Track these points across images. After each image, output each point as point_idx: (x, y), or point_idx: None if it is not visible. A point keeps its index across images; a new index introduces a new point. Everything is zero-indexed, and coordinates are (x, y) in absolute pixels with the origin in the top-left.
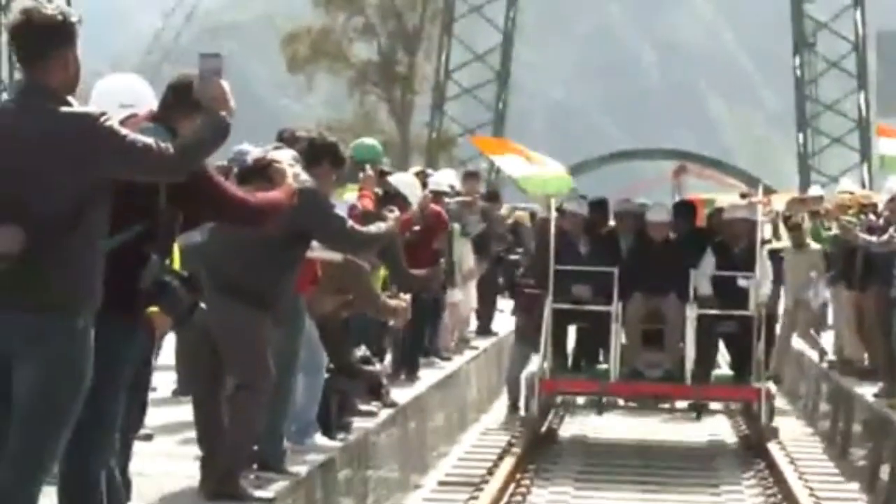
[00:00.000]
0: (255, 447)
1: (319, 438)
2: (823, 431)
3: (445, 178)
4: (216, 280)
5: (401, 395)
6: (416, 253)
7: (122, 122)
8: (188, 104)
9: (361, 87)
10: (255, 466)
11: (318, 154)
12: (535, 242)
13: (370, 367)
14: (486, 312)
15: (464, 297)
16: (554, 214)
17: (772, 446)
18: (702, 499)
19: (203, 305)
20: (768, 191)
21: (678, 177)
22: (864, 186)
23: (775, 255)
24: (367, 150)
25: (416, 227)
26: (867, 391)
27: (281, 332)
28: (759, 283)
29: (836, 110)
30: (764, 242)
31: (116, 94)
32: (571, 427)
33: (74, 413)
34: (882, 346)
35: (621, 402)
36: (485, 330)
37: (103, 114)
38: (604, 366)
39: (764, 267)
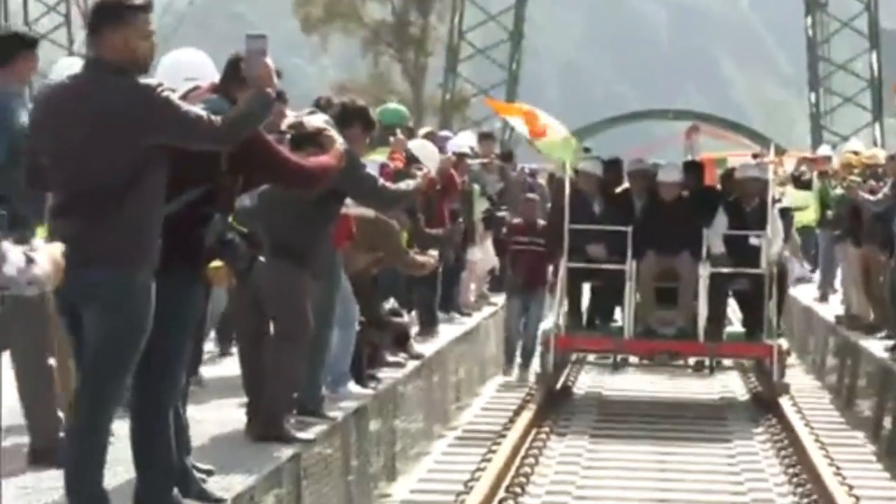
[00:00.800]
0: (296, 394)
1: (353, 387)
2: (830, 384)
3: (466, 140)
4: (263, 239)
5: (424, 348)
6: (432, 213)
7: (186, 94)
8: (238, 79)
9: (375, 48)
10: (295, 412)
11: (350, 118)
12: (550, 203)
13: (399, 319)
14: (502, 269)
15: (483, 254)
16: (569, 174)
17: (782, 398)
18: (714, 449)
19: (262, 259)
20: (780, 151)
21: (690, 137)
22: (875, 145)
23: (786, 214)
24: (393, 114)
25: (438, 187)
26: (872, 345)
27: (319, 287)
28: (770, 241)
29: (849, 70)
30: (775, 202)
31: (181, 68)
32: (585, 384)
33: (134, 361)
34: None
35: (634, 359)
36: (500, 286)
37: (159, 85)
38: (618, 324)
39: (775, 225)
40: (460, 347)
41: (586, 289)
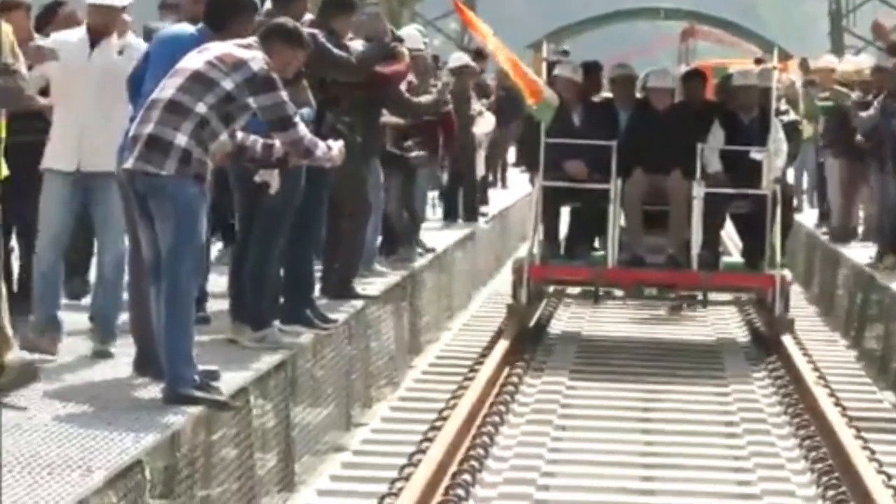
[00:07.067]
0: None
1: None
2: (814, 291)
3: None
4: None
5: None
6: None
7: None
8: (334, 10)
9: None
10: None
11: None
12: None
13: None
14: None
15: (485, 126)
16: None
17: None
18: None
19: (359, 139)
20: (784, 56)
21: (686, 40)
22: None
23: (792, 127)
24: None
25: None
26: (853, 253)
27: (372, 180)
28: (771, 155)
29: None
30: (780, 113)
31: None
32: (563, 320)
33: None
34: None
35: (618, 292)
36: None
37: (318, 35)
38: (600, 252)
39: (778, 139)
40: (460, 251)
41: (565, 212)
